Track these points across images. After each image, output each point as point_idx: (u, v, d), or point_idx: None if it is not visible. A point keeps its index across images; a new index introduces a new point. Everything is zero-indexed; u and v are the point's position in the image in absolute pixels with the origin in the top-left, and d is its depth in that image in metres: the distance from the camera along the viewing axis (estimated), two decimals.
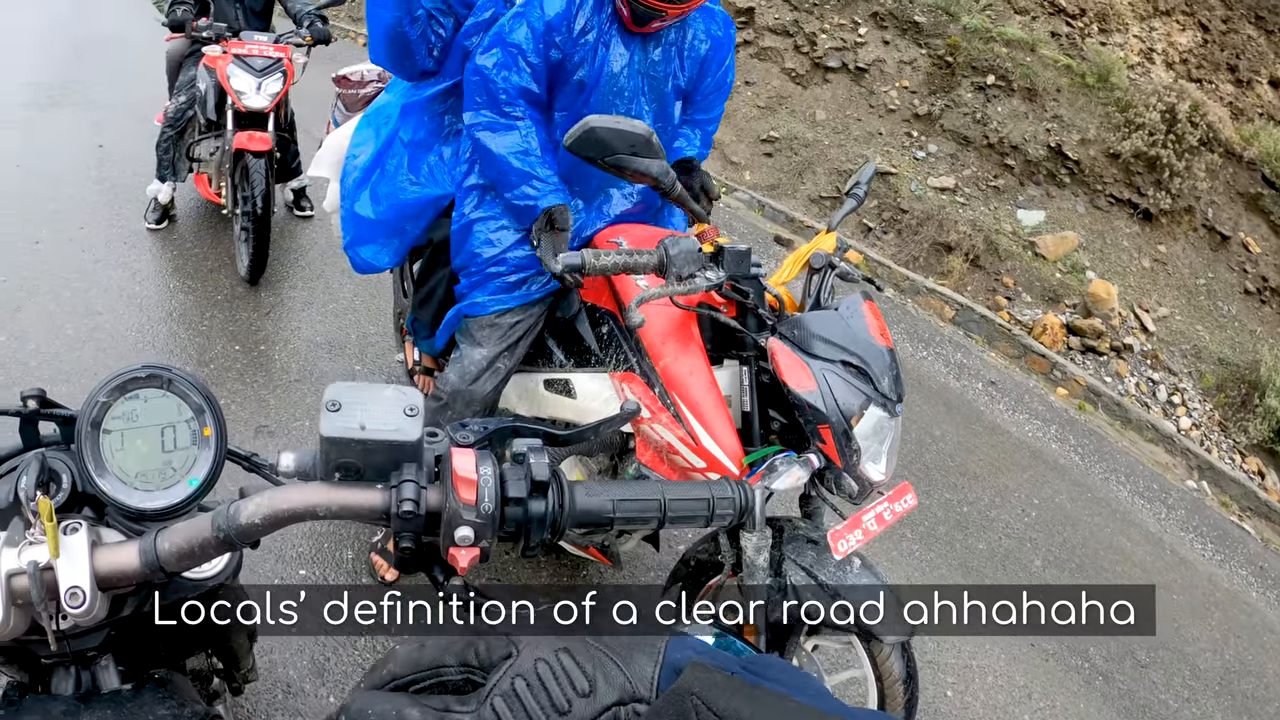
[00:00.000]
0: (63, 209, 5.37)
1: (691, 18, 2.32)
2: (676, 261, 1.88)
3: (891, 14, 8.79)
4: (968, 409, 4.94)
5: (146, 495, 0.74)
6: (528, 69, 2.20)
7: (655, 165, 1.88)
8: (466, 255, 2.42)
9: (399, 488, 0.68)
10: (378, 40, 2.50)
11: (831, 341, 1.87)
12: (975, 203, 7.54)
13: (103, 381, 0.74)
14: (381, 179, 2.62)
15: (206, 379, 3.23)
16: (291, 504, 0.69)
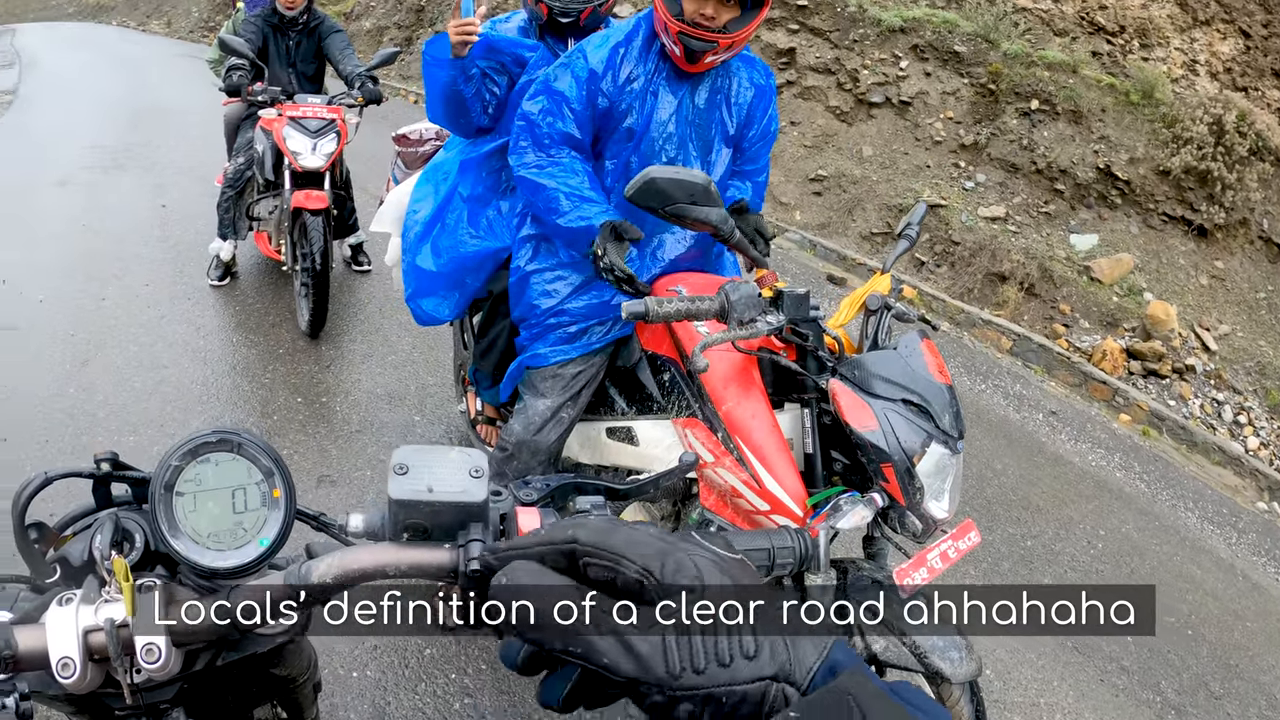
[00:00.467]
0: (128, 267, 5.57)
1: (734, 66, 2.35)
2: (737, 307, 1.89)
3: (932, 45, 8.79)
4: (1029, 441, 4.85)
5: (219, 555, 0.75)
6: (571, 116, 2.25)
7: (714, 213, 1.90)
8: (525, 307, 2.45)
9: (466, 547, 0.70)
10: (434, 99, 2.57)
11: (892, 381, 1.87)
12: (1027, 230, 7.46)
13: (175, 446, 0.75)
14: (442, 233, 2.69)
15: (270, 430, 3.34)
16: (362, 564, 0.71)
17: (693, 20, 2.11)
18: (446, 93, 2.51)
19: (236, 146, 5.17)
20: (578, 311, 2.36)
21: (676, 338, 2.20)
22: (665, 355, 2.27)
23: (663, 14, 2.14)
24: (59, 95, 14.24)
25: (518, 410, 2.47)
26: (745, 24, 2.15)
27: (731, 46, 2.18)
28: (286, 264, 4.76)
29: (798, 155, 8.65)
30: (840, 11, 9.35)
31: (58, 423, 3.73)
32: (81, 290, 5.17)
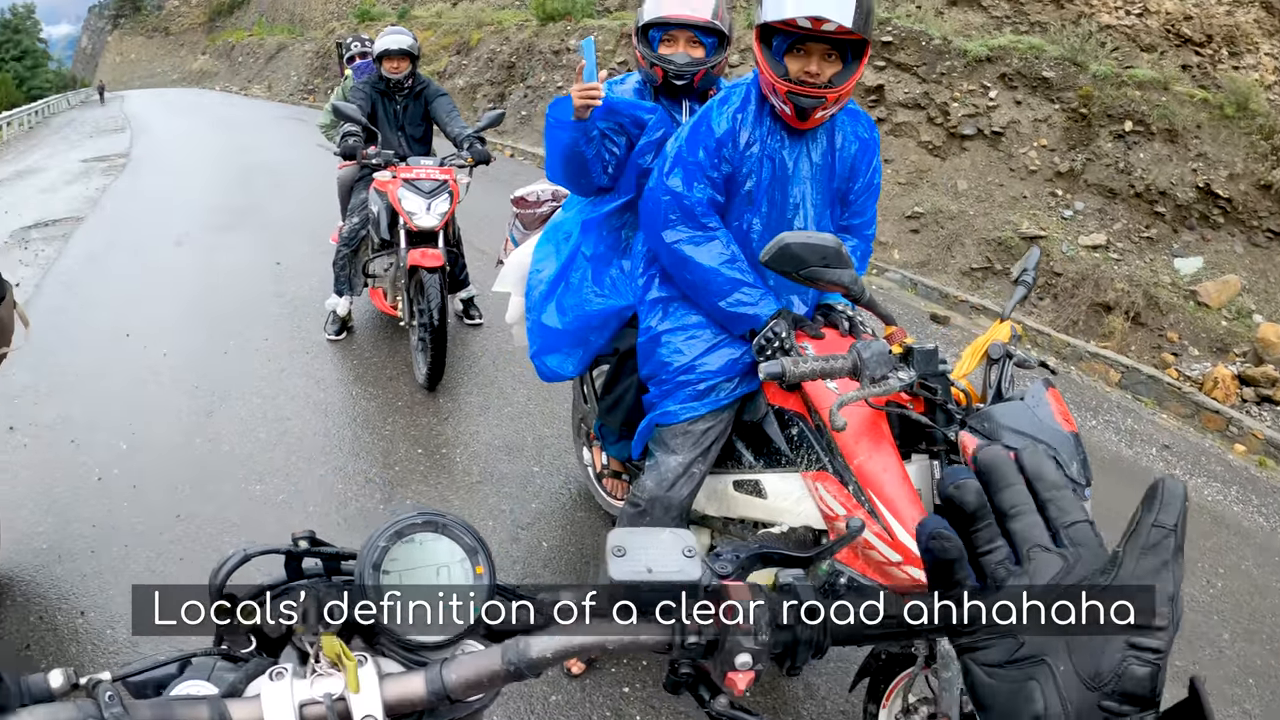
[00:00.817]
0: (246, 322, 5.84)
1: (839, 120, 2.41)
2: (870, 364, 1.95)
3: (1019, 73, 8.70)
4: (1143, 477, 4.70)
5: (423, 629, 0.79)
6: (709, 182, 2.34)
7: (845, 274, 1.96)
8: (655, 365, 2.51)
9: (682, 622, 0.74)
10: (555, 160, 2.68)
11: (1019, 431, 1.89)
12: (1129, 257, 7.31)
13: (381, 527, 0.79)
14: (567, 292, 2.78)
15: (392, 481, 3.46)
16: (583, 640, 0.75)
17: (798, 79, 2.18)
18: (568, 154, 2.60)
19: (351, 207, 5.39)
20: (707, 370, 2.41)
21: (805, 393, 2.25)
22: (793, 410, 2.31)
23: (769, 76, 2.21)
24: (170, 157, 15.01)
25: (649, 467, 2.52)
26: (848, 77, 2.21)
27: (838, 100, 2.24)
28: (403, 319, 4.93)
29: (893, 193, 8.62)
30: (925, 45, 9.34)
31: (185, 471, 3.89)
32: (203, 345, 5.43)
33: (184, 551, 3.29)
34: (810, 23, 2.10)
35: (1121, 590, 0.49)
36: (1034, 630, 0.50)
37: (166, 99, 28.35)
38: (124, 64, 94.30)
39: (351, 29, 25.87)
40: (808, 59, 2.18)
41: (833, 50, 2.19)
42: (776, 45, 2.22)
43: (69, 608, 2.99)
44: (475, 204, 5.25)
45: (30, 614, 2.96)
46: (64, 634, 2.87)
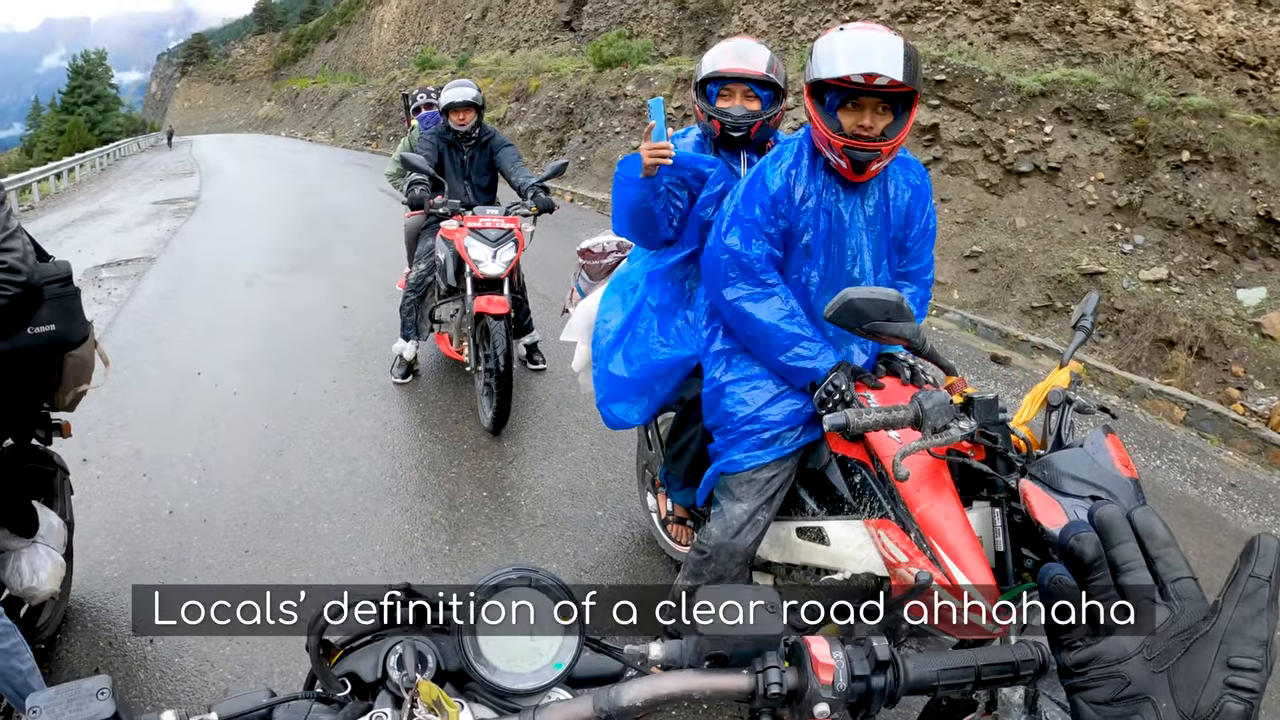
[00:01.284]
0: (315, 364, 6.01)
1: (891, 169, 2.47)
2: (931, 415, 1.99)
3: (1074, 106, 8.66)
4: (1209, 518, 4.62)
5: (518, 678, 0.84)
6: (766, 239, 2.42)
7: (908, 328, 2.01)
8: (720, 415, 2.57)
9: (765, 673, 0.81)
10: (622, 215, 2.76)
11: (1080, 478, 1.92)
12: (1191, 290, 7.20)
13: (478, 581, 0.83)
14: (633, 341, 2.87)
15: (458, 523, 3.54)
16: (670, 689, 0.81)
17: (853, 133, 2.25)
18: (636, 209, 2.68)
19: (417, 254, 5.54)
20: (771, 419, 2.47)
21: (868, 442, 2.29)
22: (856, 458, 2.36)
23: (824, 131, 2.27)
24: (238, 201, 15.47)
25: (715, 515, 2.57)
26: (900, 128, 2.28)
27: (892, 151, 2.31)
28: (469, 364, 5.05)
29: (950, 232, 8.59)
30: (979, 82, 9.34)
31: (255, 508, 4.00)
32: (273, 384, 5.59)
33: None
34: (863, 79, 2.16)
35: (1221, 635, 0.54)
36: (1140, 671, 0.56)
37: (234, 144, 29.23)
38: (192, 109, 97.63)
39: (412, 77, 26.54)
40: (861, 113, 2.25)
41: (884, 103, 2.26)
42: (829, 101, 2.29)
43: (139, 636, 3.08)
44: (538, 250, 5.35)
45: (100, 639, 3.07)
46: (133, 660, 2.97)
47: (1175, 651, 0.55)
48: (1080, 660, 0.58)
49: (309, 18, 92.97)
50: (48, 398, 2.85)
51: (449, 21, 36.80)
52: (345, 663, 0.90)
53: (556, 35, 25.81)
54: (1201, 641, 0.55)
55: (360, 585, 0.76)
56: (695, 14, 18.49)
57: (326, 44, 65.89)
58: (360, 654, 0.91)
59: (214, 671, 2.91)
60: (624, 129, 15.12)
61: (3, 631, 2.30)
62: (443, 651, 0.89)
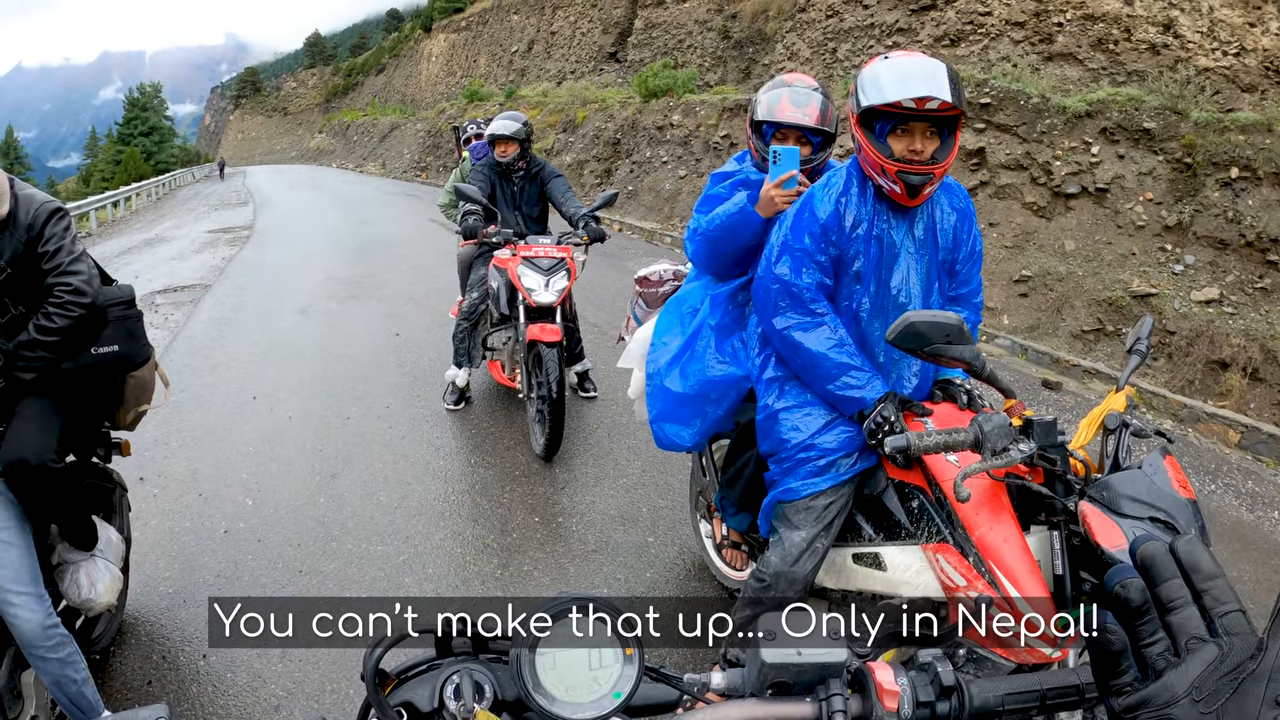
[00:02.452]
0: (369, 389, 6.12)
1: (935, 196, 2.50)
2: (991, 437, 2.01)
3: (1120, 126, 8.58)
4: (1266, 543, 4.52)
5: (576, 708, 0.83)
6: (816, 267, 2.45)
7: (968, 351, 2.04)
8: (774, 442, 2.60)
9: (829, 700, 0.81)
10: (719, 255, 2.83)
11: (1139, 500, 1.93)
12: (1244, 310, 7.07)
13: (538, 610, 0.83)
14: (691, 359, 2.91)
15: (509, 548, 3.60)
16: (733, 718, 0.82)
17: (904, 158, 2.29)
18: (739, 247, 2.75)
19: (470, 283, 5.63)
20: (826, 446, 2.48)
21: (926, 467, 2.31)
22: (913, 483, 2.37)
23: (876, 158, 2.31)
24: (291, 230, 15.75)
25: (774, 543, 2.58)
26: (948, 151, 2.32)
27: (943, 174, 2.34)
28: (521, 391, 5.12)
29: (999, 257, 8.54)
30: (1024, 104, 9.30)
31: (309, 529, 4.07)
32: (327, 409, 5.70)
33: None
34: (914, 103, 2.20)
35: (1269, 674, 0.53)
36: (1189, 713, 0.55)
37: (286, 175, 29.83)
38: (244, 141, 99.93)
39: (461, 109, 26.96)
40: (911, 138, 2.28)
41: (932, 127, 2.29)
42: (879, 129, 2.32)
43: (191, 650, 3.15)
44: (589, 280, 5.40)
45: (154, 653, 3.14)
46: (186, 674, 3.03)
47: (1224, 692, 0.54)
48: (1130, 705, 0.57)
49: (358, 51, 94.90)
50: (109, 416, 2.97)
51: (496, 54, 37.38)
52: (401, 692, 0.90)
53: (602, 66, 26.13)
54: (1250, 681, 0.53)
55: (418, 598, 0.77)
56: (739, 43, 18.61)
57: (376, 77, 67.15)
58: (416, 683, 0.91)
59: (265, 688, 2.96)
60: (670, 158, 15.22)
61: (60, 641, 2.39)
62: (499, 681, 0.89)
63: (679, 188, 14.39)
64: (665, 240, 12.85)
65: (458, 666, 0.91)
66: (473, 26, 42.39)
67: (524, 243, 5.01)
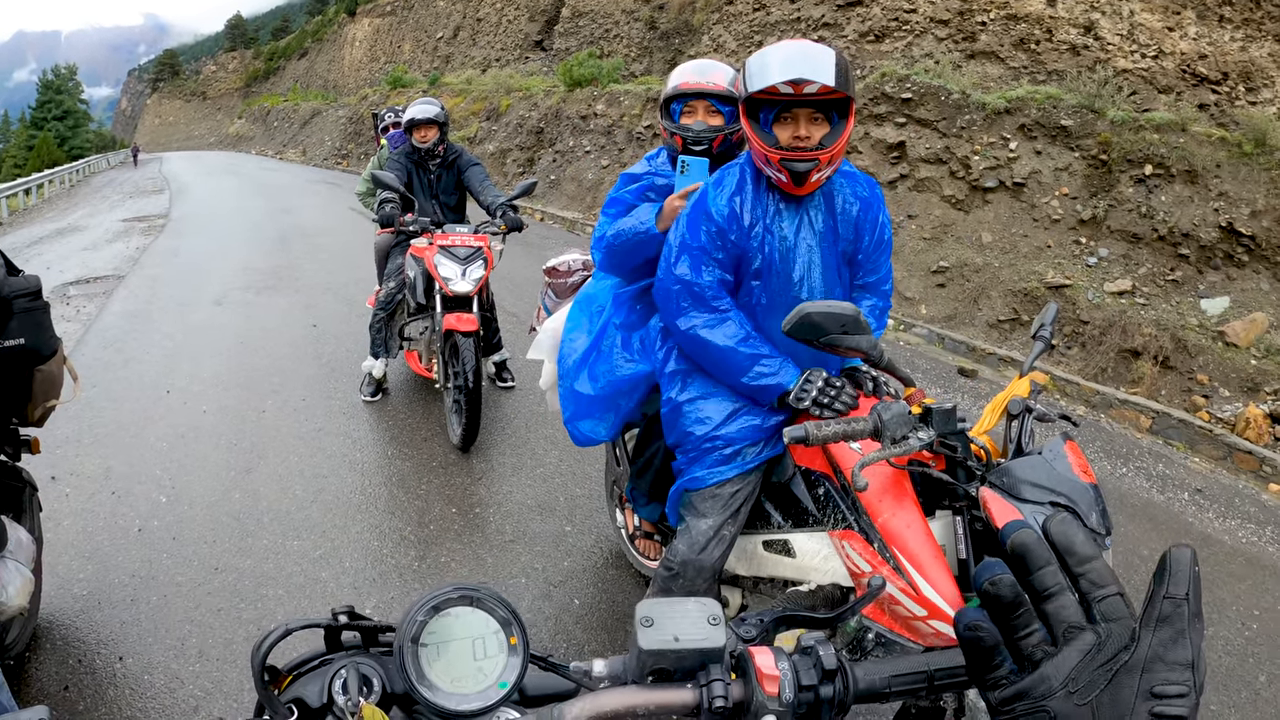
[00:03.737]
0: (285, 382, 5.98)
1: (836, 184, 2.47)
2: (890, 425, 1.99)
3: (1038, 123, 8.79)
4: (1174, 522, 4.68)
5: (462, 699, 0.82)
6: (716, 264, 2.41)
7: (865, 340, 2.02)
8: (680, 434, 2.57)
9: (709, 686, 0.80)
10: (624, 263, 2.78)
11: (1039, 485, 1.94)
12: (1155, 301, 7.31)
13: (418, 602, 0.82)
14: (599, 359, 2.87)
15: (427, 539, 3.53)
16: (614, 706, 0.80)
17: (790, 145, 2.25)
18: (643, 259, 2.70)
19: (387, 272, 5.54)
20: (731, 435, 2.47)
21: (830, 454, 2.30)
22: (819, 471, 2.37)
23: (761, 147, 2.27)
24: (208, 219, 15.37)
25: (681, 532, 2.56)
26: (837, 136, 2.27)
27: (831, 160, 2.29)
28: (438, 382, 5.03)
29: (918, 248, 8.69)
30: (944, 100, 9.47)
31: (224, 525, 3.98)
32: (242, 402, 5.56)
33: (222, 603, 3.37)
34: (792, 88, 2.16)
35: (1142, 665, 0.52)
36: (1065, 706, 0.54)
37: (204, 162, 29.05)
38: (162, 126, 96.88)
39: (383, 95, 26.51)
40: (796, 124, 2.24)
41: (818, 113, 2.25)
42: (764, 118, 2.29)
43: (108, 653, 3.06)
44: (507, 269, 5.34)
45: (70, 657, 3.04)
46: (102, 678, 2.94)
47: (1099, 682, 0.53)
48: (1005, 698, 0.56)
49: (281, 35, 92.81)
50: (17, 413, 2.84)
51: (421, 40, 36.84)
52: (293, 689, 0.89)
53: (528, 54, 25.93)
54: (1123, 672, 0.52)
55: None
56: (665, 34, 18.62)
57: (298, 61, 65.67)
58: (307, 679, 0.90)
59: (183, 689, 2.88)
60: (594, 148, 15.18)
61: None
62: (389, 674, 0.88)
63: (601, 177, 14.36)
64: (586, 230, 12.83)
65: (346, 661, 0.88)
66: (398, 11, 41.73)
67: (441, 231, 4.93)
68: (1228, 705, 3.28)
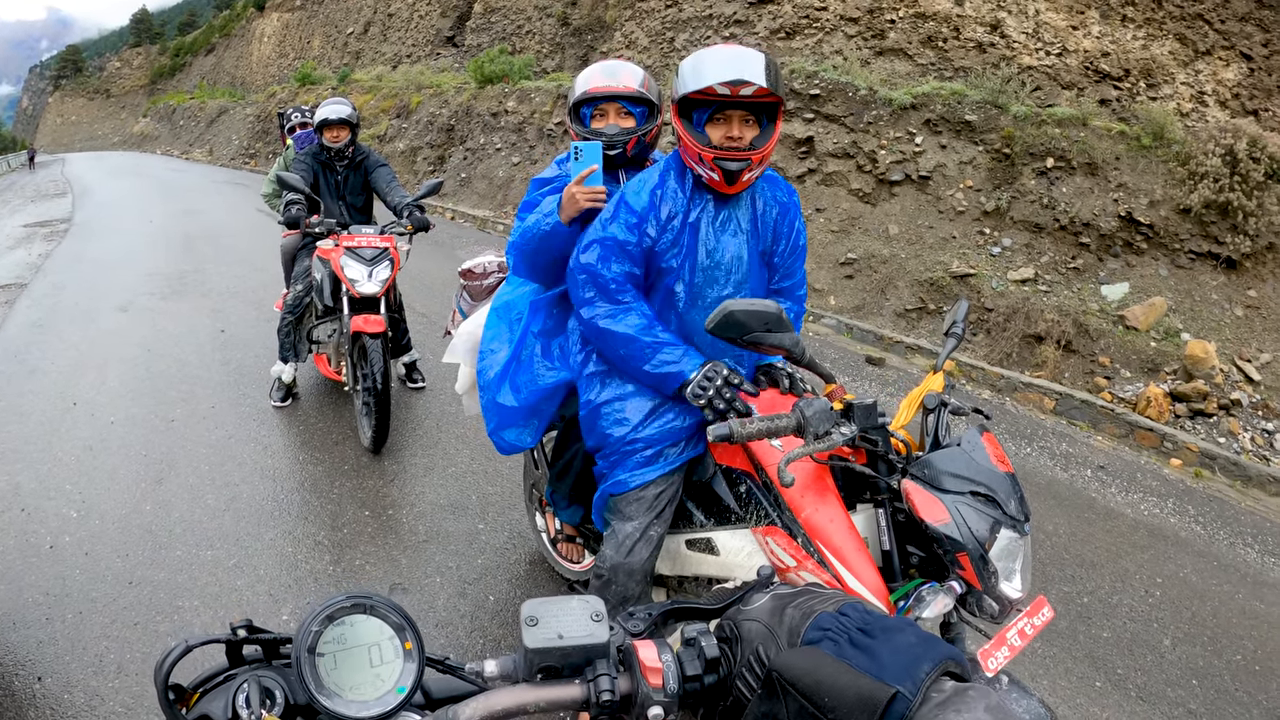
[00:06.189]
0: (193, 390, 5.83)
1: (759, 187, 2.50)
2: (813, 422, 2.02)
3: (943, 118, 9.01)
4: (1079, 498, 4.86)
5: (362, 706, 0.83)
6: (626, 258, 2.41)
7: (787, 338, 2.03)
8: (599, 436, 2.56)
9: (595, 681, 0.82)
10: (538, 266, 2.72)
11: (959, 475, 1.99)
12: (1058, 288, 7.55)
13: (313, 612, 0.83)
14: (519, 370, 2.83)
15: (340, 543, 3.49)
16: (505, 704, 0.81)
17: (722, 145, 2.28)
18: (553, 257, 2.65)
19: (294, 275, 5.43)
20: (651, 437, 2.47)
21: (751, 452, 2.33)
22: (740, 469, 2.39)
23: (694, 146, 2.29)
24: (112, 223, 14.83)
25: (607, 537, 2.55)
26: (768, 138, 2.32)
27: (762, 161, 2.34)
28: (347, 384, 4.96)
29: (826, 241, 8.84)
30: (852, 96, 9.64)
31: (136, 538, 3.89)
32: (150, 412, 5.41)
33: (138, 617, 3.30)
34: (728, 89, 2.18)
35: None
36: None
37: (108, 163, 28.00)
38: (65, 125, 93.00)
39: (292, 93, 25.86)
40: (729, 125, 2.27)
41: (750, 115, 2.29)
42: (696, 118, 2.31)
43: (25, 674, 2.99)
44: (418, 270, 5.28)
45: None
46: (22, 699, 2.88)
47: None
48: None
49: (187, 30, 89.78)
50: None
51: (330, 36, 36.03)
52: (199, 706, 0.89)
53: (439, 51, 25.54)
54: None
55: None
56: (578, 30, 18.55)
57: (205, 57, 63.60)
58: (215, 694, 0.90)
59: (104, 706, 2.84)
60: (505, 145, 15.05)
61: None
62: (291, 686, 0.88)
63: (512, 175, 14.25)
64: (498, 228, 12.73)
65: (248, 675, 0.88)
66: (308, 6, 40.68)
67: (347, 233, 4.85)
68: (1134, 669, 3.41)
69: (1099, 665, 3.43)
